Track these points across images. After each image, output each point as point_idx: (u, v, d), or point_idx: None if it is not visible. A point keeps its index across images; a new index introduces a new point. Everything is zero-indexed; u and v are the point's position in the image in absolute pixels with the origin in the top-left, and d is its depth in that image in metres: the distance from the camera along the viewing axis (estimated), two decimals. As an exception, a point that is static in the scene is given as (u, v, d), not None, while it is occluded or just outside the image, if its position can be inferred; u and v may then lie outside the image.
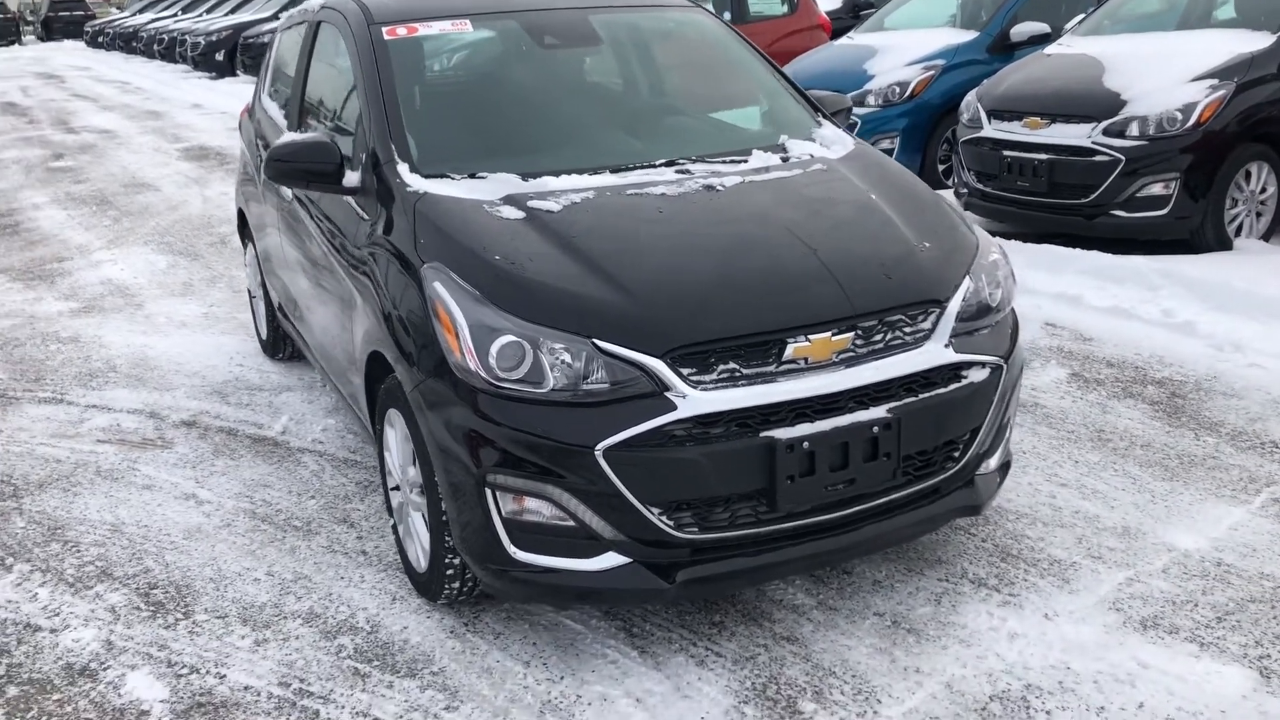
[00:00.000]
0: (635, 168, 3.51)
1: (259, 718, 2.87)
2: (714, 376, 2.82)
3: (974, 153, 7.19)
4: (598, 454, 2.73)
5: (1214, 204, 6.39)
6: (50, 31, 42.23)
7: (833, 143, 3.85)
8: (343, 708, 2.90)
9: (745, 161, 3.60)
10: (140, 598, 3.45)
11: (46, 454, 4.58)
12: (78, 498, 4.16)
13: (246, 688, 3.00)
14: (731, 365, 2.84)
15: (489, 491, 2.84)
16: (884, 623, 3.17)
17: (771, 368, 2.87)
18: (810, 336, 2.90)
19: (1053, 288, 5.96)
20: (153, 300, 6.87)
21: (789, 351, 2.88)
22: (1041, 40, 8.45)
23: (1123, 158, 6.35)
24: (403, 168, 3.42)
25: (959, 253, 3.28)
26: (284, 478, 4.26)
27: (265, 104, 5.17)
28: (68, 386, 5.35)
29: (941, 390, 3.05)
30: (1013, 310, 3.42)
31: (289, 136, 3.79)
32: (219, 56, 22.35)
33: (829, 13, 15.04)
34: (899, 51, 8.88)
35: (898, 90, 8.50)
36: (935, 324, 3.08)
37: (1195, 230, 6.43)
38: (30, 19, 46.88)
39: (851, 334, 2.95)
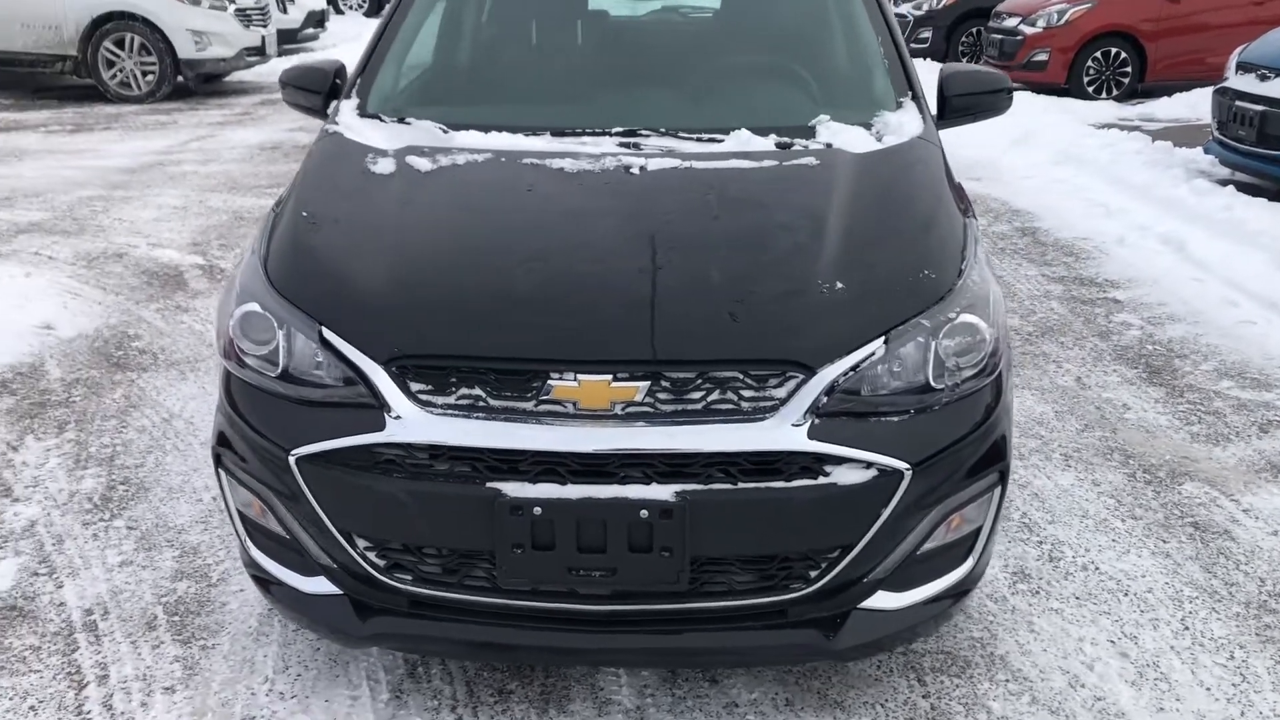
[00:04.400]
0: (582, 133, 2.92)
1: (28, 638, 2.84)
2: (452, 401, 2.27)
3: None
4: (291, 461, 2.32)
5: None
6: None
7: (887, 132, 2.95)
8: (98, 652, 2.79)
9: (721, 142, 2.86)
10: (103, 490, 3.58)
11: (203, 332, 4.93)
12: (179, 384, 4.42)
13: (60, 604, 2.99)
14: (477, 392, 2.26)
15: (220, 474, 2.54)
16: (677, 761, 2.43)
17: (528, 405, 2.25)
18: (580, 377, 2.23)
19: None
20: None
21: (551, 390, 2.24)
22: None
23: None
24: (347, 104, 3.16)
25: (890, 303, 2.35)
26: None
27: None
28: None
29: (780, 484, 2.21)
30: (990, 393, 2.39)
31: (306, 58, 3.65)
32: None
33: None
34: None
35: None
36: (791, 394, 2.23)
37: None
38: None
39: (647, 384, 2.23)
